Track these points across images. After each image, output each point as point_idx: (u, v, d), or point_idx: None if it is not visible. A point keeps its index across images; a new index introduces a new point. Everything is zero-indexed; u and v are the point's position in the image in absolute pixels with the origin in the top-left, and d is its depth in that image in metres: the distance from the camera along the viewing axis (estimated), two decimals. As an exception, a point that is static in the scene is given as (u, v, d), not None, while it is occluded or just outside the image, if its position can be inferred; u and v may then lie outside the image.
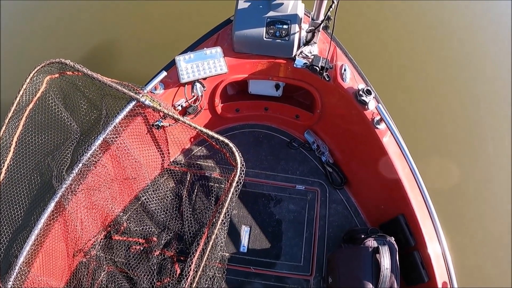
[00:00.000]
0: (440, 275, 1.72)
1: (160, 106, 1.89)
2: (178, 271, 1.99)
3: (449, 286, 1.71)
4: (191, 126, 1.87)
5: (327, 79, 2.07)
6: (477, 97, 3.32)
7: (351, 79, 2.05)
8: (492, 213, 2.87)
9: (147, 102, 1.86)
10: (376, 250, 1.80)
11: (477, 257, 2.72)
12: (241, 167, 1.79)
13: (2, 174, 1.76)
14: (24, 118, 1.83)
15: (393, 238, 1.86)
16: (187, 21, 3.41)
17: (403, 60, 3.43)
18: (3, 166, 1.76)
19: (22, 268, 1.63)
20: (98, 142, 1.83)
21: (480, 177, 3.01)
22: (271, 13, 1.98)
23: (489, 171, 3.02)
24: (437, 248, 1.77)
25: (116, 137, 1.87)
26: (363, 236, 1.95)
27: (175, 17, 3.45)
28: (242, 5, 2.00)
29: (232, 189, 1.77)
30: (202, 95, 2.09)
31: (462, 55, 3.52)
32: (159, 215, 2.13)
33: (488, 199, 2.92)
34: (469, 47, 3.56)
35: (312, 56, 2.05)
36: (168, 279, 1.97)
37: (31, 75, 1.82)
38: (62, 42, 3.35)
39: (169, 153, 2.28)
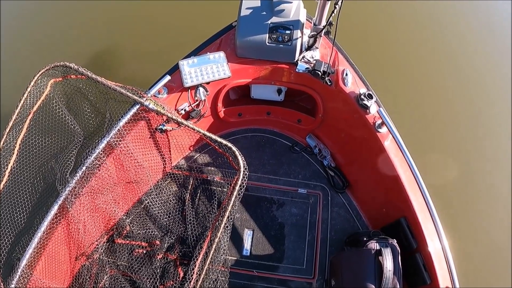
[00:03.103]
0: (443, 277, 1.73)
1: (163, 109, 1.90)
2: (181, 275, 1.99)
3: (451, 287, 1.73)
4: (194, 130, 1.88)
5: (329, 83, 2.10)
6: (481, 96, 3.37)
7: (352, 84, 2.07)
8: (495, 214, 2.88)
9: (151, 106, 1.87)
10: (379, 253, 1.81)
11: (480, 258, 2.71)
12: (244, 171, 1.79)
13: (6, 177, 1.76)
14: (28, 121, 1.83)
15: (395, 241, 1.87)
16: (188, 26, 3.43)
17: (403, 63, 3.47)
18: (7, 168, 1.76)
19: (25, 271, 1.63)
20: (102, 145, 1.83)
21: (482, 177, 3.01)
22: (273, 19, 2.01)
23: (491, 171, 3.04)
24: (439, 250, 1.78)
25: (120, 141, 1.87)
26: (365, 239, 1.96)
27: (176, 22, 3.47)
28: (245, 11, 2.03)
29: (235, 193, 1.78)
30: (205, 100, 2.10)
31: (462, 54, 3.57)
32: (162, 219, 2.13)
33: (491, 200, 2.93)
34: (470, 46, 3.61)
35: (314, 61, 2.08)
36: (171, 282, 1.96)
37: (36, 78, 1.82)
38: (65, 46, 3.36)
39: (171, 157, 2.29)
